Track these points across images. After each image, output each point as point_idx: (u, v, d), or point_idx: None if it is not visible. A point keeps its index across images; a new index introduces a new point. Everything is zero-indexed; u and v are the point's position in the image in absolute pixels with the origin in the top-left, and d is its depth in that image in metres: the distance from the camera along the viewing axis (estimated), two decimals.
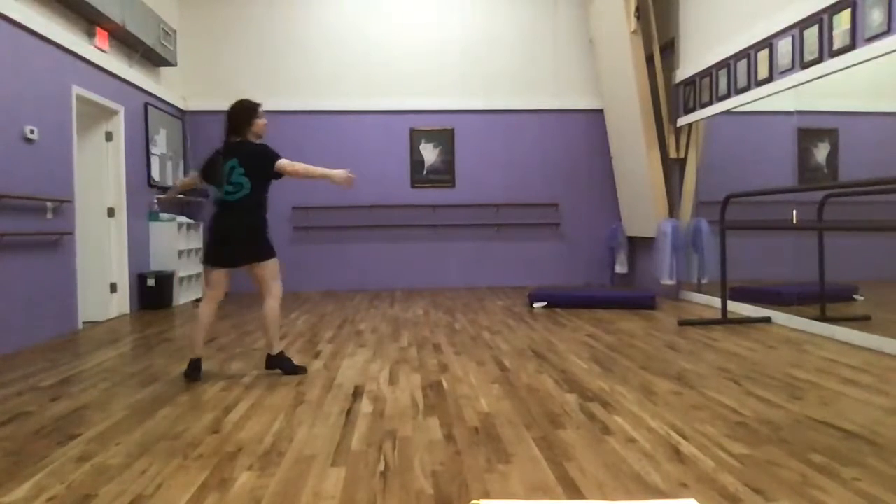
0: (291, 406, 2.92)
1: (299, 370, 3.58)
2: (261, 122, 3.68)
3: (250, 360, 3.92)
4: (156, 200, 6.73)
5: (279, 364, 3.58)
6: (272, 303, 3.59)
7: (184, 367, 3.67)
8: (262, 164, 3.56)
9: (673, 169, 6.81)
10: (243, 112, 3.61)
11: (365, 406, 2.91)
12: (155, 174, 6.85)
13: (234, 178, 3.50)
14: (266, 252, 3.60)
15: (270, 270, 3.61)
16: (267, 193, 3.68)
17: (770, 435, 2.42)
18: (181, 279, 6.91)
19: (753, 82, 5.40)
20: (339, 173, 3.60)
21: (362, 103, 7.94)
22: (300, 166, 3.62)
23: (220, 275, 3.60)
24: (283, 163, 3.58)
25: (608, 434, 2.47)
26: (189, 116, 7.83)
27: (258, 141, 3.68)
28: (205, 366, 3.76)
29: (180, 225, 6.94)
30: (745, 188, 4.99)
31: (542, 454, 2.26)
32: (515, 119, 8.08)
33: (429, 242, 7.97)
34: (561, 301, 6.21)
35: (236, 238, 3.52)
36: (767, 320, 5.06)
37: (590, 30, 7.88)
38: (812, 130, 4.89)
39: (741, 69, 5.57)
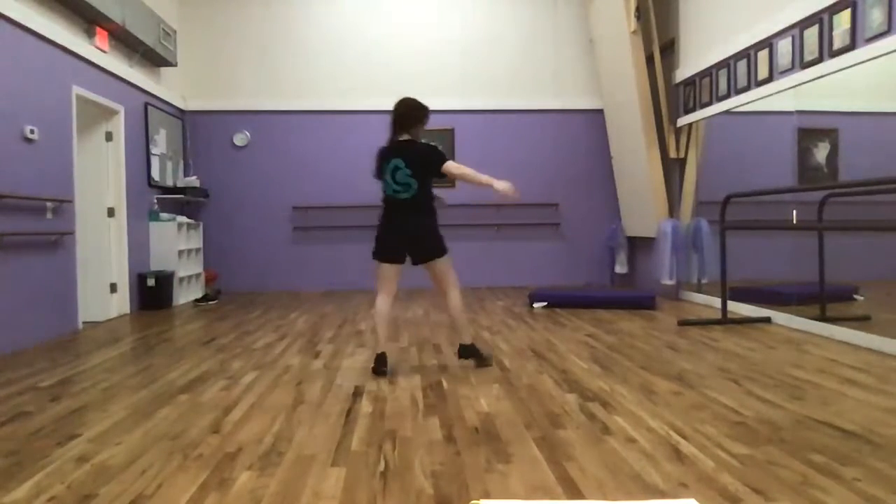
0: (291, 406, 2.92)
1: (487, 362, 3.69)
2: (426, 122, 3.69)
3: (250, 360, 3.92)
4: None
5: (472, 353, 3.68)
6: (455, 294, 3.68)
7: (186, 367, 3.69)
8: (429, 165, 3.56)
9: (673, 169, 6.81)
10: (415, 111, 3.61)
11: (365, 406, 2.91)
12: (155, 174, 6.85)
13: (399, 177, 3.55)
14: (442, 248, 3.65)
15: (447, 265, 3.68)
16: (431, 190, 3.67)
17: (770, 435, 2.42)
18: (181, 279, 6.91)
19: (753, 82, 5.40)
20: (502, 183, 3.54)
21: (362, 103, 7.94)
22: (466, 171, 3.59)
23: (393, 270, 3.67)
24: (449, 165, 3.56)
25: (608, 434, 2.47)
26: (189, 116, 7.83)
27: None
28: (205, 365, 3.77)
29: (180, 225, 6.94)
30: (745, 188, 4.99)
31: (542, 454, 2.26)
32: (515, 119, 8.08)
33: None
34: (561, 301, 6.21)
35: (415, 237, 3.61)
36: (767, 320, 5.06)
37: (590, 30, 7.88)
38: (812, 130, 4.89)
39: (741, 69, 5.57)
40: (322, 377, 3.48)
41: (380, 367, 3.54)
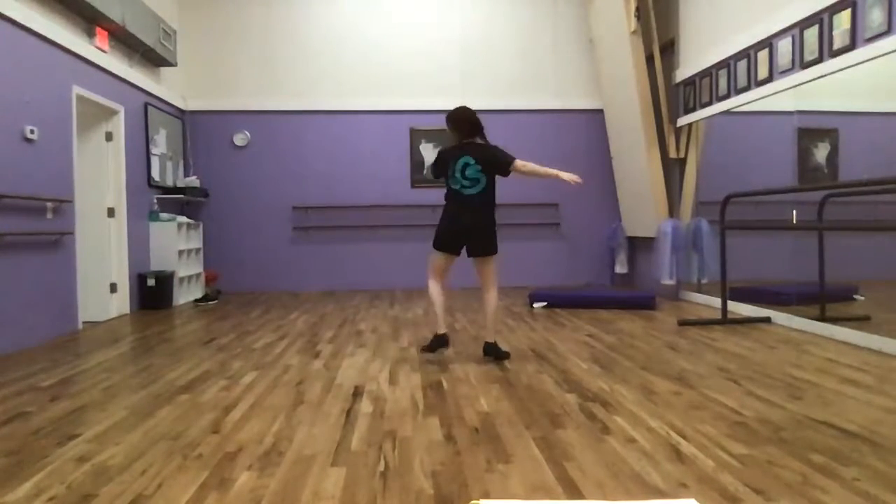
0: (291, 406, 2.92)
1: (505, 357, 3.84)
2: None
3: (250, 360, 3.92)
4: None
5: (495, 352, 3.83)
6: (495, 293, 3.90)
7: (186, 367, 3.69)
8: (497, 162, 3.83)
9: (673, 169, 6.81)
10: (477, 121, 3.93)
11: (365, 406, 2.91)
12: (155, 174, 6.85)
13: (469, 173, 3.79)
14: (496, 247, 3.87)
15: (496, 264, 3.91)
16: (496, 189, 3.92)
17: (770, 435, 2.42)
18: (181, 279, 6.91)
19: (753, 82, 5.40)
20: (568, 174, 3.84)
21: (362, 103, 7.94)
22: (532, 166, 3.84)
23: (451, 260, 3.93)
24: (518, 163, 3.81)
25: (608, 434, 2.47)
26: (189, 116, 7.83)
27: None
28: (205, 365, 3.77)
29: (180, 225, 6.94)
30: (745, 188, 4.99)
31: (542, 454, 2.26)
32: (515, 119, 8.07)
33: (429, 242, 7.91)
34: (561, 301, 6.21)
35: (478, 231, 3.80)
36: (767, 320, 5.06)
37: (590, 30, 7.88)
38: (812, 130, 4.89)
39: (741, 69, 5.57)
40: (322, 377, 3.48)
41: (436, 346, 3.91)
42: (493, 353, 3.84)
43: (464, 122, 3.92)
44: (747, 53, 5.47)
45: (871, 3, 4.04)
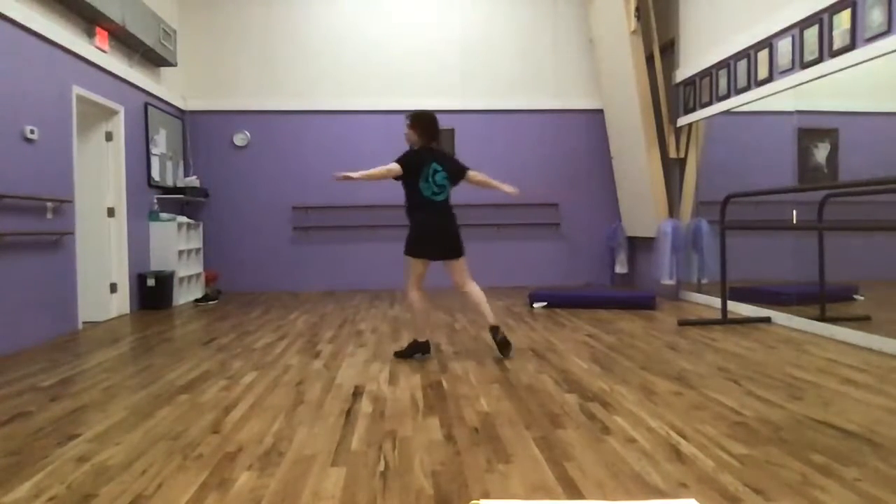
0: (291, 406, 2.92)
1: (509, 348, 3.93)
2: None
3: (250, 360, 3.92)
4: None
5: (502, 335, 3.90)
6: (475, 285, 4.03)
7: (186, 367, 3.69)
8: (458, 170, 4.03)
9: (673, 169, 6.81)
10: (437, 123, 4.02)
11: (365, 406, 2.91)
12: (155, 174, 6.85)
13: (438, 179, 3.92)
14: (463, 248, 4.06)
15: (465, 263, 4.06)
16: None
17: (770, 435, 2.42)
18: (181, 279, 6.91)
19: (753, 82, 5.40)
20: (508, 187, 4.06)
21: (362, 103, 7.94)
22: (481, 176, 4.10)
23: (427, 266, 3.99)
24: (470, 172, 4.06)
25: (608, 434, 2.47)
26: (189, 116, 7.83)
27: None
28: (205, 365, 3.77)
29: (180, 225, 6.94)
30: (745, 188, 4.99)
31: (542, 454, 2.26)
32: (515, 119, 8.08)
33: None
34: (561, 301, 6.21)
35: (453, 236, 3.97)
36: (767, 320, 5.06)
37: (590, 30, 7.88)
38: (812, 130, 4.89)
39: (741, 69, 5.57)
40: (322, 377, 3.48)
41: (416, 351, 3.94)
42: (501, 335, 3.90)
43: (433, 126, 3.98)
44: (747, 53, 5.47)
45: (871, 3, 4.04)
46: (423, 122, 3.98)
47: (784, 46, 4.95)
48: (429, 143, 3.98)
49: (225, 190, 7.87)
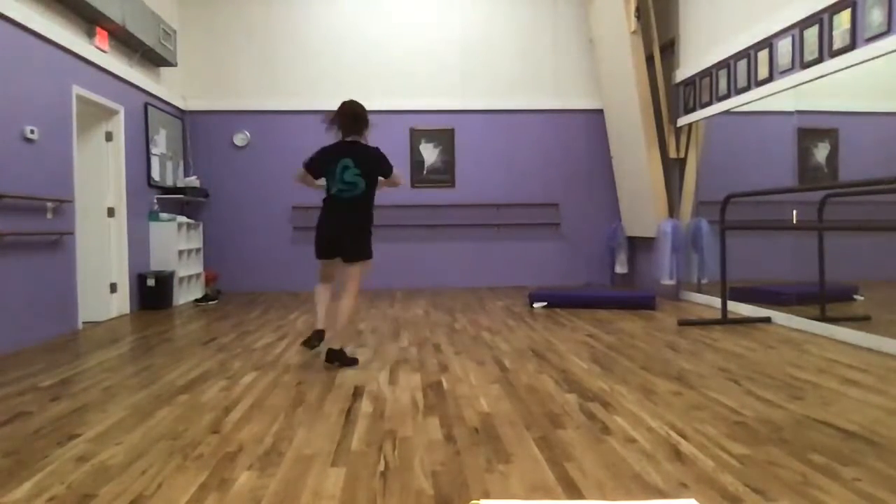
0: (291, 406, 2.92)
1: (353, 363, 3.72)
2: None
3: (250, 360, 3.92)
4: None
5: (341, 358, 3.66)
6: (350, 302, 3.75)
7: (186, 367, 3.70)
8: (378, 168, 3.76)
9: (673, 169, 6.81)
10: (365, 114, 3.78)
11: (365, 406, 2.91)
12: (155, 174, 6.85)
13: (347, 177, 3.67)
14: (366, 253, 3.81)
15: (361, 271, 3.80)
16: (374, 194, 3.85)
17: (770, 435, 2.42)
18: (181, 279, 6.91)
19: (753, 82, 5.40)
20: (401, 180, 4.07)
21: (362, 103, 7.92)
22: (400, 179, 3.97)
23: (331, 265, 3.85)
24: (395, 172, 3.86)
25: (608, 434, 2.47)
26: (189, 116, 7.83)
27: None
28: (205, 365, 3.77)
29: (180, 225, 6.94)
30: (745, 188, 4.99)
31: (542, 454, 2.26)
32: (515, 119, 8.08)
33: (429, 242, 7.97)
34: (561, 301, 6.21)
35: (346, 234, 3.72)
36: (767, 320, 5.06)
37: (590, 30, 7.88)
38: (812, 130, 4.89)
39: (741, 69, 5.57)
40: (322, 377, 3.48)
41: (314, 340, 3.81)
42: (339, 360, 3.66)
43: (347, 118, 3.73)
44: (747, 53, 5.47)
45: (871, 3, 4.04)
46: (339, 115, 3.75)
47: (784, 46, 4.95)
48: (347, 134, 3.75)
49: (225, 190, 7.87)
